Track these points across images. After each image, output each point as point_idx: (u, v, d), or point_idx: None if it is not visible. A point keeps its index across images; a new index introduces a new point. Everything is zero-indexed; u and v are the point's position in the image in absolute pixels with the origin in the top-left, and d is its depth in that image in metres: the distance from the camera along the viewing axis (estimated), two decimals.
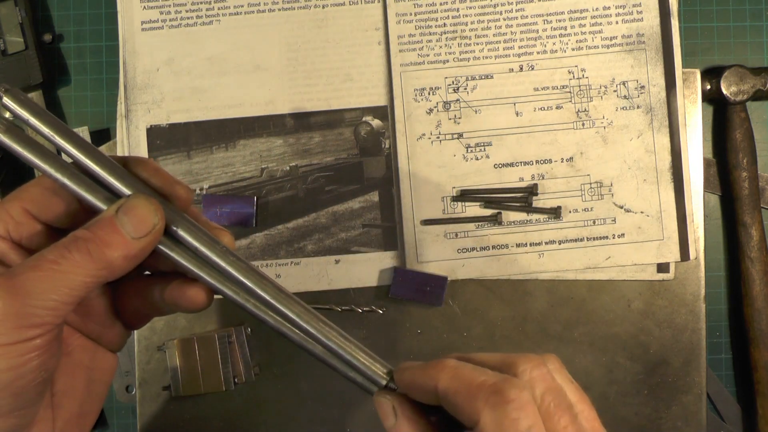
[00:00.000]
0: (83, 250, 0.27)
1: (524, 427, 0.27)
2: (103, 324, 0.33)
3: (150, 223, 0.28)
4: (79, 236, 0.28)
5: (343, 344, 0.31)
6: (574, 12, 0.54)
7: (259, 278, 0.31)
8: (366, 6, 0.54)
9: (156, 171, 0.31)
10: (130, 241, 0.28)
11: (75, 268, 0.27)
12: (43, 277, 0.27)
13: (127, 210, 0.28)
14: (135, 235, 0.28)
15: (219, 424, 0.54)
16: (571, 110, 0.54)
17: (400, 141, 0.54)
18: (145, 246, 0.29)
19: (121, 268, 0.28)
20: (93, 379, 0.32)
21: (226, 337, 0.52)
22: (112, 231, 0.28)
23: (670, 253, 0.53)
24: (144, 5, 0.55)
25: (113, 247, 0.28)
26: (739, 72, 0.54)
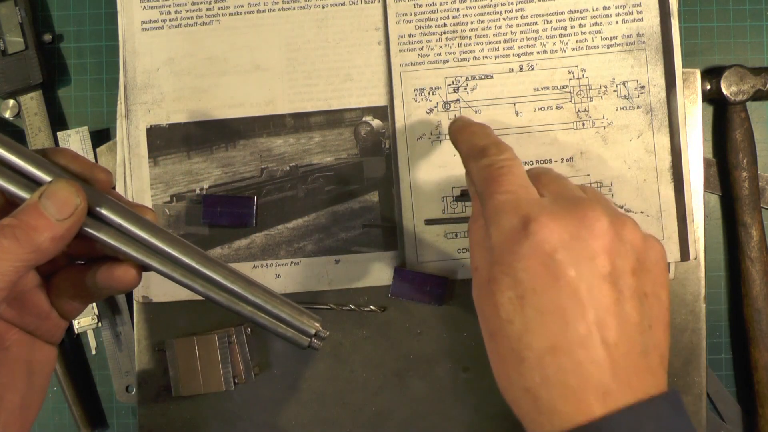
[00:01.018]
0: (10, 236, 0.28)
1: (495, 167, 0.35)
2: (39, 316, 0.33)
3: (72, 204, 0.30)
4: (6, 224, 0.29)
5: (270, 301, 0.32)
6: (574, 12, 0.54)
7: (183, 247, 0.32)
8: (366, 6, 0.54)
9: (74, 157, 0.32)
10: (55, 224, 0.29)
11: (4, 255, 0.28)
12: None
13: (50, 194, 0.29)
14: (59, 216, 0.29)
15: (219, 424, 0.54)
16: (571, 110, 0.54)
17: (400, 141, 0.54)
18: (70, 226, 0.30)
19: (49, 250, 0.29)
20: (33, 372, 0.33)
21: (226, 337, 0.52)
22: (37, 215, 0.29)
23: (670, 253, 0.53)
24: (144, 5, 0.55)
25: (39, 231, 0.29)
26: (739, 72, 0.54)
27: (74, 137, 0.55)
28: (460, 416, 0.53)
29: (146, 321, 0.54)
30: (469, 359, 0.53)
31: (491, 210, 0.33)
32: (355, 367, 0.54)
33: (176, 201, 0.54)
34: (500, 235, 0.32)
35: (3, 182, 0.30)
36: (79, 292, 0.34)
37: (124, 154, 0.54)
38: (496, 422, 0.53)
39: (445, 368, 0.54)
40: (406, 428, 0.53)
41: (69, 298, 0.34)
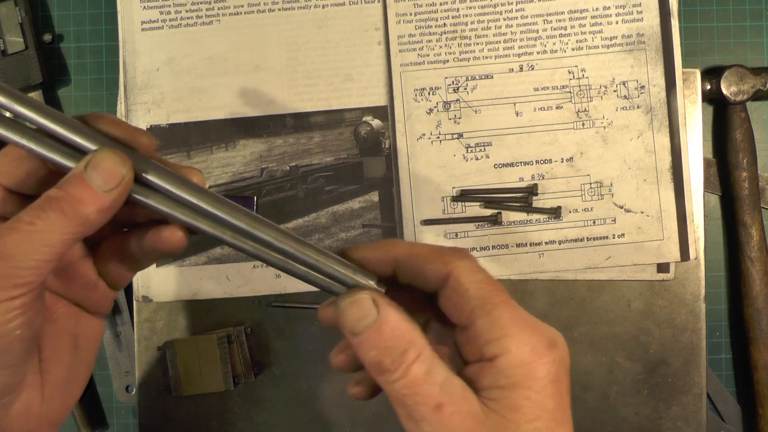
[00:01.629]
0: (57, 209, 0.28)
1: (488, 274, 0.29)
2: (86, 287, 0.33)
3: (119, 174, 0.29)
4: (52, 196, 0.28)
5: (322, 260, 0.31)
6: (574, 12, 0.54)
7: (232, 208, 0.31)
8: (366, 6, 0.54)
9: (115, 123, 0.31)
10: (101, 195, 0.29)
11: (51, 227, 0.28)
12: (22, 238, 0.27)
13: (95, 164, 0.29)
14: (105, 188, 0.29)
15: (219, 424, 0.54)
16: (571, 110, 0.54)
17: (400, 141, 0.54)
18: (117, 197, 0.29)
19: (96, 221, 0.29)
20: (79, 346, 0.33)
21: (226, 337, 0.52)
22: (83, 187, 0.28)
23: (670, 253, 0.53)
24: (144, 5, 0.55)
25: (86, 203, 0.28)
26: (739, 72, 0.54)
27: None
28: None
29: (146, 321, 0.54)
30: None
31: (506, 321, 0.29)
32: None
33: None
34: None
35: (46, 151, 0.29)
36: (125, 259, 0.33)
37: None
38: None
39: None
40: None
41: (116, 266, 0.34)
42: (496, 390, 0.27)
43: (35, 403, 0.30)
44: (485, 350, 0.28)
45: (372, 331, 0.28)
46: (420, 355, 0.28)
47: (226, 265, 0.54)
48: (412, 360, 0.28)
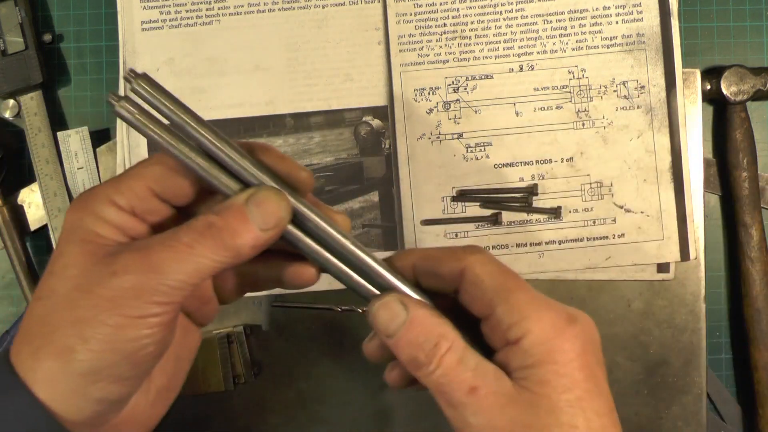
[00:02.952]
0: (216, 237, 0.29)
1: (502, 263, 0.31)
2: (202, 299, 0.34)
3: (278, 217, 0.30)
4: (213, 222, 0.29)
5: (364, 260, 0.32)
6: (574, 12, 0.54)
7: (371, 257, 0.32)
8: (366, 6, 0.54)
9: (281, 158, 0.32)
10: (258, 233, 0.29)
11: (207, 252, 0.28)
12: (177, 258, 0.28)
13: (258, 202, 0.29)
14: (263, 227, 0.29)
15: (219, 424, 0.54)
16: (571, 110, 0.54)
17: (400, 141, 0.54)
18: (272, 237, 0.30)
19: (247, 256, 0.30)
20: (180, 357, 0.34)
21: (226, 337, 0.52)
22: (242, 221, 0.29)
23: (670, 253, 0.53)
24: (144, 5, 0.55)
25: (243, 237, 0.29)
26: (739, 72, 0.54)
27: (74, 137, 0.55)
28: None
29: None
30: None
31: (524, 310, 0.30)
32: (355, 367, 0.54)
33: None
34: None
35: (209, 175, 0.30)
36: (248, 282, 0.34)
37: (124, 154, 0.54)
38: None
39: None
40: (406, 428, 0.53)
41: (236, 285, 0.35)
42: (525, 369, 0.28)
43: (141, 407, 0.32)
44: (508, 334, 0.29)
45: (404, 330, 0.30)
46: (452, 345, 0.29)
47: None
48: (445, 351, 0.29)
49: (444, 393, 0.29)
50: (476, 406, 0.28)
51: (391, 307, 0.30)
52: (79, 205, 0.30)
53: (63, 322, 0.28)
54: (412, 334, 0.30)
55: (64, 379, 0.27)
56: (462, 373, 0.29)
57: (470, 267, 0.30)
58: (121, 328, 0.27)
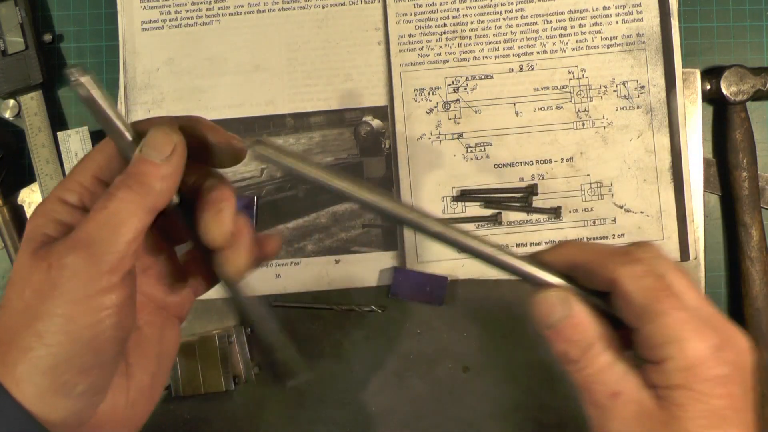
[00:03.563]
0: (124, 188, 0.30)
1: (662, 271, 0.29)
2: (171, 288, 0.35)
3: (171, 142, 0.31)
4: (117, 180, 0.30)
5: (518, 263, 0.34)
6: (574, 12, 0.54)
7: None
8: (366, 6, 0.54)
9: (213, 129, 0.33)
10: (161, 164, 0.31)
11: (123, 205, 0.30)
12: (99, 224, 0.29)
13: (148, 143, 0.31)
14: (162, 156, 0.31)
15: (219, 424, 0.54)
16: (571, 110, 0.54)
17: (400, 141, 0.54)
18: (176, 162, 0.31)
19: (163, 190, 0.31)
20: (161, 353, 0.34)
21: (226, 337, 0.52)
22: (142, 163, 0.31)
23: (670, 253, 0.53)
24: (144, 5, 0.55)
25: (149, 175, 0.30)
26: (739, 72, 0.54)
27: (74, 137, 0.55)
28: (460, 416, 0.53)
29: None
30: (469, 359, 0.53)
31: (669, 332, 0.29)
32: (355, 367, 0.54)
33: None
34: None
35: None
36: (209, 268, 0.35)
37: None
38: (496, 422, 0.53)
39: (445, 368, 0.54)
40: (406, 428, 0.53)
41: (201, 271, 0.36)
42: (664, 389, 0.29)
43: (120, 406, 0.32)
44: (652, 354, 0.29)
45: (562, 325, 0.31)
46: (604, 349, 0.30)
47: None
48: (598, 353, 0.30)
49: (588, 391, 0.30)
50: (615, 411, 0.29)
51: (554, 301, 0.31)
52: (35, 211, 0.31)
53: (20, 326, 0.28)
54: (569, 331, 0.31)
55: (32, 380, 0.28)
56: (609, 376, 0.30)
57: (620, 281, 0.30)
58: (72, 316, 0.28)
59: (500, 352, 0.53)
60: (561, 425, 0.53)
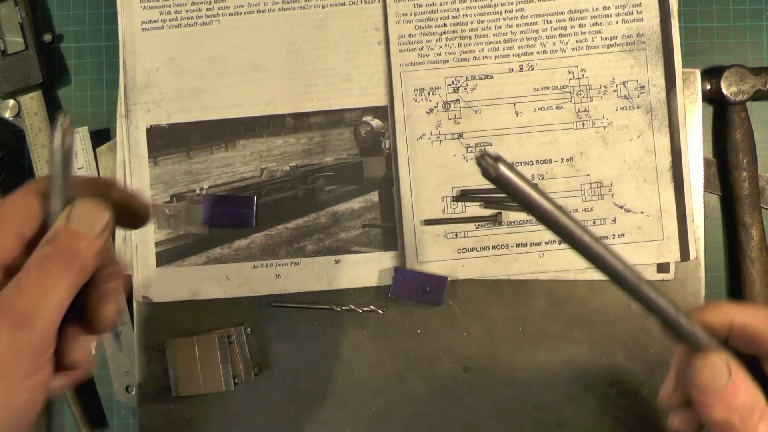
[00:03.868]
0: (57, 262, 0.29)
1: None
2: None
3: (103, 218, 0.31)
4: (48, 253, 0.29)
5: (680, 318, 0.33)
6: (574, 12, 0.54)
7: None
8: (366, 6, 0.54)
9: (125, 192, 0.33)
10: (92, 240, 0.30)
11: (58, 281, 0.29)
12: (35, 300, 0.28)
13: (79, 215, 0.30)
14: (94, 232, 0.30)
15: (219, 424, 0.54)
16: (571, 110, 0.54)
17: (400, 141, 0.54)
18: (107, 237, 0.31)
19: (92, 266, 0.30)
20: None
21: (226, 337, 0.52)
22: (73, 237, 0.30)
23: (670, 253, 0.53)
24: (144, 5, 0.55)
25: (80, 251, 0.30)
26: (739, 72, 0.54)
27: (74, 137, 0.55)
28: (460, 416, 0.53)
29: (146, 321, 0.54)
30: (469, 359, 0.53)
31: None
32: (355, 367, 0.54)
33: (176, 201, 0.54)
34: None
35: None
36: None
37: (124, 154, 0.54)
38: (496, 422, 0.53)
39: (445, 368, 0.54)
40: (406, 428, 0.53)
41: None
42: None
43: None
44: None
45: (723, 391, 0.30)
46: (764, 416, 0.30)
47: (226, 265, 0.54)
48: (757, 420, 0.30)
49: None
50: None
51: (716, 365, 0.31)
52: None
53: None
54: (731, 398, 0.30)
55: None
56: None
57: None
58: (9, 395, 0.27)
59: (500, 352, 0.53)
60: (561, 425, 0.53)
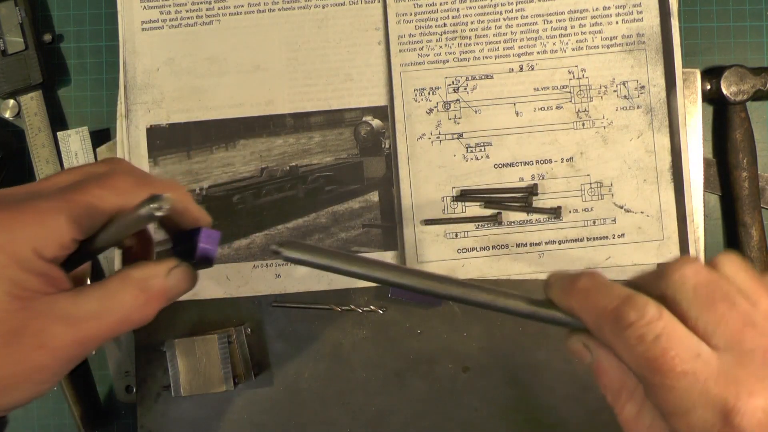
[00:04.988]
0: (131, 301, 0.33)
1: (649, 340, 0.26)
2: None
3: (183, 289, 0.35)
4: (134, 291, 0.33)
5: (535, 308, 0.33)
6: (574, 12, 0.54)
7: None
8: (366, 6, 0.54)
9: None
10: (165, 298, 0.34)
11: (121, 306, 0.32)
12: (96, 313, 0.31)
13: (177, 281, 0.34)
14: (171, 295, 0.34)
15: (219, 424, 0.54)
16: (571, 110, 0.54)
17: (400, 141, 0.54)
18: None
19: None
20: None
21: (226, 337, 0.52)
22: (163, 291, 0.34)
23: (670, 253, 0.53)
24: (144, 5, 0.55)
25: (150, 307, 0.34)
26: (739, 72, 0.54)
27: (74, 137, 0.55)
28: (460, 416, 0.53)
29: None
30: (469, 359, 0.53)
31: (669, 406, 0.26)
32: (355, 367, 0.54)
33: None
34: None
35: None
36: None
37: (124, 154, 0.54)
38: (496, 422, 0.53)
39: (445, 368, 0.54)
40: (406, 428, 0.53)
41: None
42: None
43: None
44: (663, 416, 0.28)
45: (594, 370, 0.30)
46: (629, 399, 0.29)
47: (226, 265, 0.54)
48: (624, 402, 0.29)
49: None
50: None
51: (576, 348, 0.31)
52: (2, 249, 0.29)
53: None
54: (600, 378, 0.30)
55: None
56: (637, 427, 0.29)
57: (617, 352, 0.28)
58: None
59: (500, 352, 0.53)
60: (561, 425, 0.53)
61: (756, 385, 0.25)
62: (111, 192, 0.30)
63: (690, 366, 0.26)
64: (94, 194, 0.30)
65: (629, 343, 0.27)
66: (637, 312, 0.27)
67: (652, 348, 0.26)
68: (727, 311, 0.26)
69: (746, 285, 0.28)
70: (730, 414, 0.25)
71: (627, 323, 0.27)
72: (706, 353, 0.26)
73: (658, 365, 0.26)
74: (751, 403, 0.25)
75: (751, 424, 0.25)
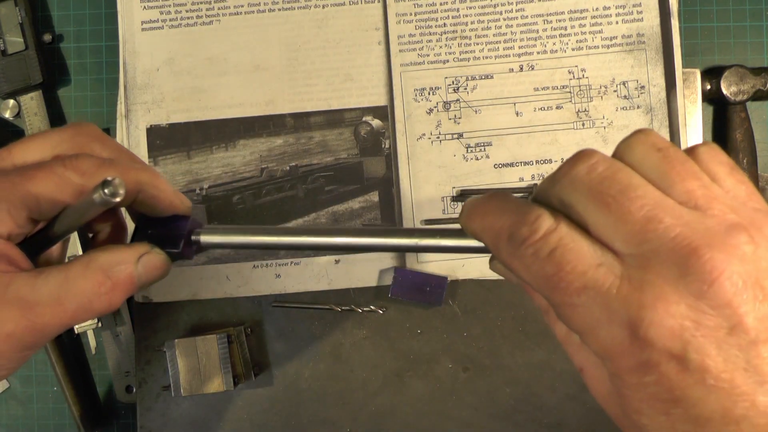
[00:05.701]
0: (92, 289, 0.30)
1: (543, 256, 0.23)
2: None
3: (157, 276, 0.32)
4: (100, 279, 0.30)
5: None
6: (574, 12, 0.54)
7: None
8: (366, 6, 0.54)
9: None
10: (136, 283, 0.31)
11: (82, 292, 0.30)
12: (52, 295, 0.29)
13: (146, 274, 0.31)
14: (143, 281, 0.31)
15: (219, 424, 0.54)
16: (571, 110, 0.54)
17: (400, 141, 0.54)
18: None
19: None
20: None
21: (226, 337, 0.52)
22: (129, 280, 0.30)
23: None
24: (144, 5, 0.55)
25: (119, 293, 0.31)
26: (739, 72, 0.54)
27: None
28: (460, 416, 0.53)
29: (146, 321, 0.54)
30: (469, 359, 0.53)
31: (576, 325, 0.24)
32: (355, 367, 0.54)
33: None
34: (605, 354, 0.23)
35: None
36: None
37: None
38: (496, 422, 0.53)
39: (445, 368, 0.54)
40: (406, 428, 0.53)
41: None
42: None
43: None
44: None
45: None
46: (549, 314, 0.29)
47: (226, 265, 0.54)
48: (554, 320, 0.29)
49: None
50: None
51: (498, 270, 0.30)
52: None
53: None
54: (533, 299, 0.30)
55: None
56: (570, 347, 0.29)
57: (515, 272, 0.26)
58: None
59: (500, 352, 0.53)
60: (561, 425, 0.53)
61: (664, 287, 0.21)
62: (74, 172, 0.29)
63: (590, 279, 0.22)
64: (56, 172, 0.29)
65: (525, 263, 0.24)
66: (530, 227, 0.24)
67: (547, 265, 0.23)
68: (627, 207, 0.22)
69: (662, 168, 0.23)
70: (635, 325, 0.21)
71: (520, 240, 0.24)
72: (609, 262, 0.23)
73: (555, 282, 0.23)
74: (660, 309, 0.21)
75: (661, 335, 0.21)
